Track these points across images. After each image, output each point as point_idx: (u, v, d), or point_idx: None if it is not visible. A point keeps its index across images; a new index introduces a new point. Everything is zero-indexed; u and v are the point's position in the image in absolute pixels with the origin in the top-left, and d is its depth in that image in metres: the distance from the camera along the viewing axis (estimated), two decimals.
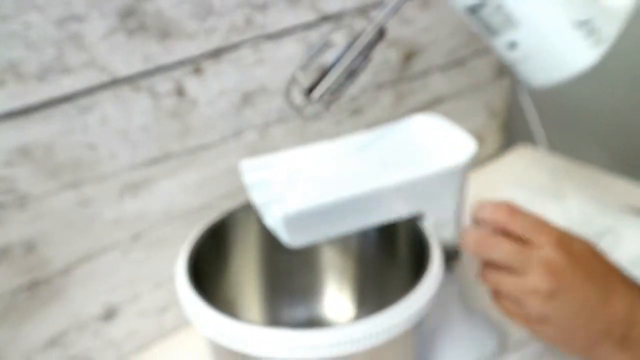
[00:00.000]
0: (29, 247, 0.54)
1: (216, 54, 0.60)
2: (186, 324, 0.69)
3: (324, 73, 0.46)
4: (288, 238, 0.47)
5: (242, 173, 0.51)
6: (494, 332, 0.63)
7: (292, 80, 0.46)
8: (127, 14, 0.53)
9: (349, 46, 0.46)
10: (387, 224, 0.57)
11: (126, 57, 0.54)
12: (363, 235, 0.60)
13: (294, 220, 0.46)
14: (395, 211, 0.50)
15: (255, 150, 0.67)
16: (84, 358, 0.62)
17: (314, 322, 0.62)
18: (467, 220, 0.53)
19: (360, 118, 0.76)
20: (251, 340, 0.42)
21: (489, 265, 0.48)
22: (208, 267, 0.54)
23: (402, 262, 0.57)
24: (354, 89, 0.74)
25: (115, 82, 0.54)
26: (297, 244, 0.48)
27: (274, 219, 0.47)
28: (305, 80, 0.46)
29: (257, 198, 0.50)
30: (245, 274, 0.59)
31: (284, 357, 0.42)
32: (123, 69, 0.54)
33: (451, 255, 0.55)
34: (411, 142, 0.53)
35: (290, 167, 0.51)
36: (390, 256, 0.59)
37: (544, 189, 0.85)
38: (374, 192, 0.48)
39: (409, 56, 0.78)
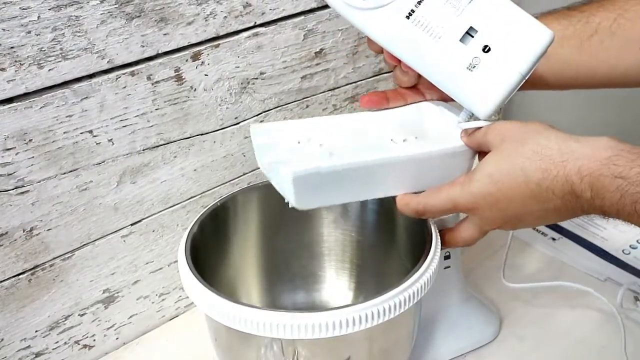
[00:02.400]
0: (30, 232, 0.54)
1: (215, 40, 0.60)
2: (186, 308, 0.69)
3: None
4: (295, 199, 0.46)
5: (251, 135, 0.51)
6: (492, 317, 0.63)
7: None
8: None
9: None
10: (386, 210, 0.58)
11: (124, 43, 0.54)
12: (362, 221, 0.60)
13: (303, 181, 0.45)
14: (402, 185, 0.50)
15: None
16: (84, 342, 0.62)
17: (313, 307, 0.62)
18: None
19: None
20: (251, 320, 0.43)
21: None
22: (209, 251, 0.54)
23: (401, 248, 0.58)
24: (353, 77, 0.74)
25: (113, 68, 0.54)
26: (303, 206, 0.47)
27: (282, 179, 0.47)
28: None
29: (265, 159, 0.49)
30: (246, 258, 0.60)
31: (283, 337, 0.43)
32: (121, 55, 0.54)
33: None
34: (419, 124, 0.54)
35: (300, 133, 0.51)
36: (389, 241, 0.59)
37: None
38: (383, 162, 0.48)
39: None
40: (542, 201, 0.44)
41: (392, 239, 0.59)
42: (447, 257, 0.57)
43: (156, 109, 0.58)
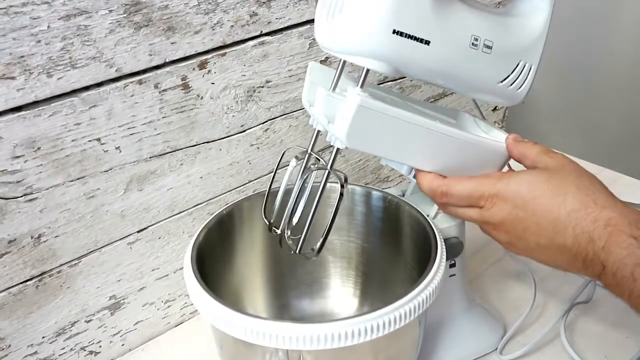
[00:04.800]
0: (38, 239, 0.55)
1: (221, 48, 0.61)
2: (191, 315, 0.70)
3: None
4: (348, 131, 0.45)
5: (308, 71, 0.51)
6: (496, 325, 0.63)
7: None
8: (133, 9, 0.53)
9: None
10: (392, 217, 0.58)
11: (132, 52, 0.54)
12: (367, 228, 0.60)
13: (365, 114, 0.45)
14: (436, 161, 0.50)
15: (259, 145, 0.68)
16: (91, 349, 0.62)
17: (318, 314, 0.63)
18: None
19: None
20: (257, 331, 0.43)
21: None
22: (215, 258, 0.55)
23: (407, 255, 0.58)
24: None
25: (121, 77, 0.55)
26: (350, 141, 0.46)
27: (341, 109, 0.45)
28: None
29: (322, 90, 0.48)
30: (251, 265, 0.60)
31: (288, 347, 0.43)
32: (129, 64, 0.55)
33: (454, 250, 0.56)
34: (462, 120, 0.57)
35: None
36: (394, 249, 0.59)
37: None
38: (438, 130, 0.48)
39: None
40: (556, 232, 0.45)
41: (397, 246, 0.59)
42: (452, 265, 0.57)
43: (163, 117, 0.59)
